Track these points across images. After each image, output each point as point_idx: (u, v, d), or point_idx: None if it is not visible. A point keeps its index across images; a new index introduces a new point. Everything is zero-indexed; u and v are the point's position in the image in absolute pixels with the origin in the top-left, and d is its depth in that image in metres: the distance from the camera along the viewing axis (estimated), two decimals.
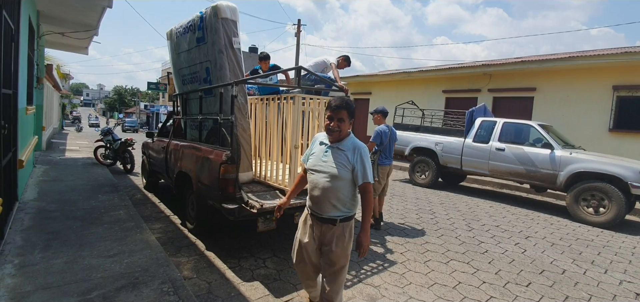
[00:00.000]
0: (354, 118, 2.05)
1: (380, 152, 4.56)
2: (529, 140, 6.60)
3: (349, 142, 2.02)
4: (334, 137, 2.01)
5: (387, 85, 13.38)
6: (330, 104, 1.99)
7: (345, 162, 1.96)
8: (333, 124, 1.96)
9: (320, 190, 1.98)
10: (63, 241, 3.16)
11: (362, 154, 1.99)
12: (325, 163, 1.99)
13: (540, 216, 5.93)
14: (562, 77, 8.95)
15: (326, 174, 1.98)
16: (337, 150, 1.99)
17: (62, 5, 5.59)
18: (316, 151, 2.10)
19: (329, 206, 1.98)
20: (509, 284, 3.19)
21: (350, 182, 1.99)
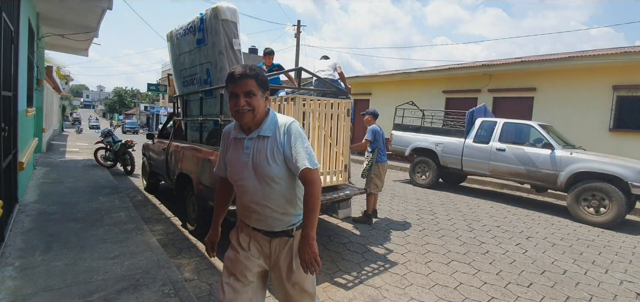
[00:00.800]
0: (268, 90, 1.50)
1: (377, 150, 4.65)
2: (529, 141, 6.60)
3: (270, 123, 1.48)
4: (247, 122, 1.45)
5: (387, 85, 13.39)
6: (230, 76, 1.42)
7: (274, 153, 1.44)
8: (240, 102, 1.40)
9: (256, 204, 1.47)
10: (64, 243, 3.16)
11: (291, 131, 1.46)
12: (249, 165, 1.46)
13: (541, 216, 5.93)
14: (562, 77, 8.95)
15: (256, 180, 1.46)
16: (259, 139, 1.47)
17: (62, 7, 5.59)
18: (232, 153, 1.54)
19: (275, 217, 1.49)
20: (510, 284, 3.19)
21: (290, 176, 1.48)
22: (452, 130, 7.96)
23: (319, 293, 2.78)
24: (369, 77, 13.94)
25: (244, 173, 1.49)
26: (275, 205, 1.48)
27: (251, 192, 1.47)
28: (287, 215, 1.52)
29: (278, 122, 1.50)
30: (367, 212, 4.80)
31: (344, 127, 3.62)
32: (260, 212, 1.49)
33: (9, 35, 3.27)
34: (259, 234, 1.55)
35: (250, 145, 1.47)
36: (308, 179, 1.44)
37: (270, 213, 1.49)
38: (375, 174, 4.69)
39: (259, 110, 1.45)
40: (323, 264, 3.36)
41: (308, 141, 1.51)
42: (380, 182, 4.79)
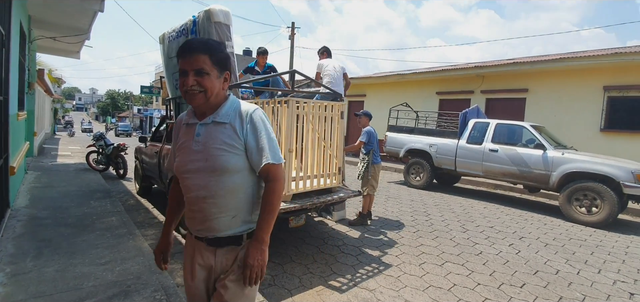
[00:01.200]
0: (229, 70, 1.29)
1: (372, 151, 4.68)
2: (521, 141, 6.66)
3: (228, 108, 1.28)
4: (198, 105, 1.24)
5: (381, 87, 13.44)
6: (179, 49, 1.22)
7: (230, 141, 1.23)
8: (189, 81, 1.18)
9: (203, 200, 1.25)
10: (55, 249, 3.12)
11: (255, 120, 1.27)
12: (199, 154, 1.25)
13: (533, 216, 5.98)
14: (553, 78, 9.05)
15: (206, 170, 1.23)
16: (214, 126, 1.26)
17: (54, 9, 5.54)
18: (182, 141, 1.33)
19: (224, 219, 1.27)
20: (503, 285, 3.21)
21: (248, 171, 1.28)
22: (445, 131, 8.01)
23: (312, 296, 2.79)
24: (364, 78, 13.98)
25: (192, 163, 1.26)
26: (224, 203, 1.25)
27: (198, 186, 1.25)
28: (238, 218, 1.29)
29: (240, 108, 1.29)
30: (362, 213, 4.82)
31: (338, 130, 3.62)
32: (206, 212, 1.26)
33: (0, 39, 3.23)
34: (202, 245, 1.31)
35: (203, 132, 1.26)
36: (271, 175, 1.27)
37: (217, 213, 1.25)
38: (371, 175, 4.71)
39: (214, 92, 1.22)
40: (317, 267, 3.36)
41: (273, 133, 1.32)
42: (376, 183, 4.82)
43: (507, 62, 9.95)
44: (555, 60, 8.80)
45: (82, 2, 4.95)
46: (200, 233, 1.31)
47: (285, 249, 3.78)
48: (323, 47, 5.30)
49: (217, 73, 1.23)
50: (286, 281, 3.06)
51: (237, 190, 1.27)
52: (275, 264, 3.39)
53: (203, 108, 1.27)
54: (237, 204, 1.28)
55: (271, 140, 1.29)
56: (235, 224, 1.29)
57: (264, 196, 1.30)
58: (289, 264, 3.41)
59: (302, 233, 4.29)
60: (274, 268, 3.29)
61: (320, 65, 4.92)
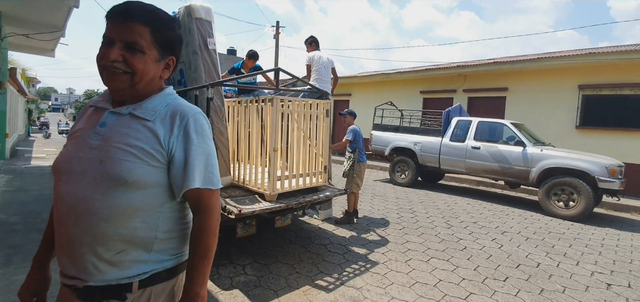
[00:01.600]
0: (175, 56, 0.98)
1: (358, 149, 4.68)
2: (502, 139, 6.82)
3: (158, 103, 0.94)
4: (118, 88, 0.90)
5: (367, 86, 13.51)
6: (108, 11, 0.88)
7: (144, 145, 0.88)
8: (111, 55, 0.85)
9: (78, 220, 0.85)
10: (26, 256, 2.97)
11: (190, 127, 0.93)
12: (94, 151, 0.88)
13: (514, 211, 6.13)
14: (531, 77, 9.32)
15: (95, 176, 0.86)
16: (130, 119, 0.91)
17: (26, 5, 5.28)
18: (79, 129, 0.96)
19: (106, 254, 0.86)
20: (487, 279, 3.26)
21: (162, 191, 0.92)
22: (429, 129, 8.12)
23: (299, 296, 2.75)
24: (349, 78, 14.02)
25: (79, 162, 0.87)
26: (110, 231, 0.85)
27: (75, 197, 0.85)
28: (127, 255, 0.88)
29: (175, 107, 0.95)
30: (348, 211, 4.81)
31: (323, 128, 3.59)
32: (77, 240, 0.85)
33: None
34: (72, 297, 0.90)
35: (110, 123, 0.90)
36: (202, 205, 0.95)
37: (95, 245, 0.85)
38: (357, 174, 4.71)
39: (145, 78, 0.90)
40: (304, 267, 3.32)
41: (214, 150, 1.00)
42: (361, 181, 4.82)
43: (488, 62, 10.19)
44: (533, 60, 9.06)
45: None
46: (68, 280, 0.89)
47: (271, 249, 3.72)
48: (311, 37, 5.03)
49: (156, 55, 0.91)
50: (272, 281, 3.01)
51: (133, 214, 0.87)
52: (260, 264, 3.33)
53: (124, 95, 0.92)
54: (128, 234, 0.87)
55: (209, 157, 0.96)
56: (122, 265, 0.88)
57: (193, 236, 0.96)
58: (274, 264, 3.36)
59: (288, 233, 4.24)
60: (260, 269, 3.24)
61: (311, 58, 4.73)
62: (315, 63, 4.66)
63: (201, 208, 0.95)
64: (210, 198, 0.96)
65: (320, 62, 4.66)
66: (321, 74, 4.64)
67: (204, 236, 0.95)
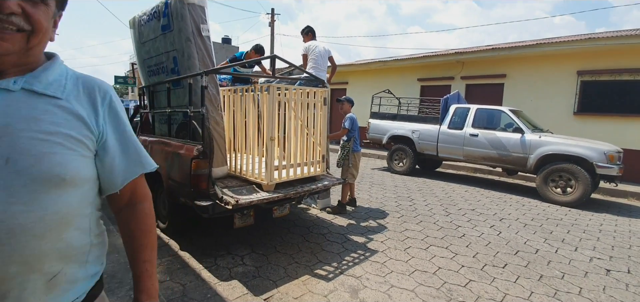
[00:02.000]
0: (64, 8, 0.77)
1: (353, 138, 4.63)
2: (500, 126, 6.79)
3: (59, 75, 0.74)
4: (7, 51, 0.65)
5: (364, 74, 13.39)
6: None
7: (73, 132, 0.71)
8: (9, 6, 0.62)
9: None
10: None
11: (115, 105, 0.81)
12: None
13: (512, 198, 6.14)
14: (530, 63, 9.26)
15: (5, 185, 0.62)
16: (28, 96, 0.68)
17: None
18: None
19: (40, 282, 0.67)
20: (486, 266, 3.25)
21: (94, 186, 0.77)
22: (427, 117, 8.07)
23: (298, 286, 2.73)
24: (346, 66, 13.88)
25: None
26: (46, 249, 0.66)
27: None
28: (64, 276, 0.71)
29: (83, 79, 0.77)
30: (341, 202, 4.77)
31: (321, 117, 3.53)
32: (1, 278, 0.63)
33: None
34: None
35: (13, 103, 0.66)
36: (141, 192, 0.86)
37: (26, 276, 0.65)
38: (352, 163, 4.66)
39: (45, 39, 0.71)
40: (302, 256, 3.30)
41: None
42: (356, 171, 4.78)
43: (486, 49, 10.09)
44: (531, 46, 8.99)
45: None
46: None
47: (269, 239, 3.69)
48: (307, 27, 5.04)
49: (54, 8, 0.71)
50: (271, 271, 2.98)
51: (70, 221, 0.70)
52: (259, 255, 3.30)
53: (8, 62, 0.67)
54: (64, 247, 0.70)
55: (136, 136, 0.86)
56: (55, 290, 0.70)
57: (139, 226, 0.85)
58: (273, 254, 3.33)
59: (287, 223, 4.21)
60: (258, 259, 3.21)
61: (307, 48, 4.74)
62: (312, 52, 4.66)
63: (141, 195, 0.86)
64: (145, 182, 0.88)
65: (316, 51, 4.66)
66: (318, 63, 4.61)
67: (151, 223, 0.87)
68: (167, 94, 3.47)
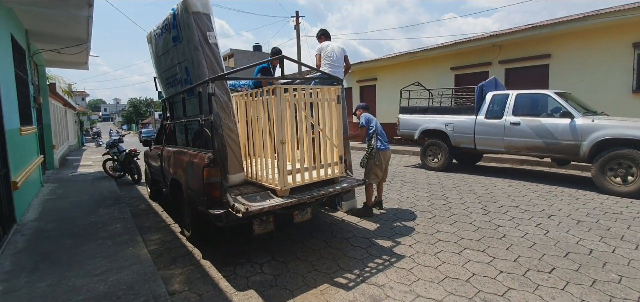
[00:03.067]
0: None
1: (375, 136, 4.39)
2: (546, 111, 6.14)
3: None
4: None
5: (392, 69, 12.94)
6: None
7: None
8: None
9: None
10: (52, 262, 3.06)
11: None
12: None
13: (564, 191, 5.51)
14: (578, 40, 8.33)
15: None
16: None
17: (46, 21, 5.53)
18: None
19: None
20: (529, 271, 2.88)
21: None
22: (462, 108, 7.55)
23: (315, 296, 2.58)
24: (373, 61, 13.50)
25: None
26: None
27: None
28: None
29: None
30: (366, 204, 4.54)
31: (336, 116, 3.35)
32: None
33: None
34: None
35: None
36: None
37: None
38: (376, 163, 4.42)
39: None
40: (323, 263, 3.15)
41: None
42: (381, 171, 4.51)
43: (526, 28, 9.24)
44: (578, 19, 8.08)
45: (69, 11, 4.90)
46: None
47: (290, 245, 3.59)
48: (321, 30, 5.15)
49: None
50: (289, 280, 2.86)
51: None
52: (278, 262, 3.20)
53: None
54: None
55: None
56: None
57: None
58: (293, 261, 3.22)
59: (310, 227, 4.09)
60: (278, 267, 3.11)
61: (320, 48, 4.77)
62: (324, 51, 4.70)
63: None
64: None
65: (328, 49, 4.69)
66: (332, 60, 4.59)
67: None
68: (183, 104, 3.50)
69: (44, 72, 8.72)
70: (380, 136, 4.44)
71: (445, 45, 11.34)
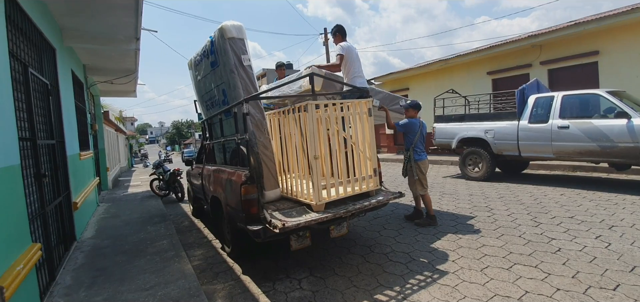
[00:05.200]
0: None
1: (412, 147, 4.30)
2: (598, 112, 5.67)
3: None
4: None
5: (425, 77, 12.66)
6: None
7: None
8: None
9: None
10: (108, 277, 3.28)
11: None
12: None
13: (626, 199, 5.00)
14: (629, 33, 7.65)
15: None
16: None
17: (100, 55, 6.13)
18: None
19: None
20: (590, 289, 2.62)
21: None
22: (502, 113, 7.18)
23: None
24: (404, 71, 13.31)
25: None
26: None
27: None
28: None
29: None
30: (429, 213, 4.50)
31: (368, 129, 3.32)
32: None
33: (45, 89, 3.53)
34: None
35: None
36: None
37: None
38: (417, 174, 4.31)
39: None
40: (362, 279, 3.08)
41: None
42: (425, 181, 4.41)
43: (568, 25, 8.66)
44: (627, 12, 7.43)
45: (120, 46, 5.39)
46: None
47: (328, 261, 3.56)
48: (336, 26, 4.41)
49: None
50: (327, 296, 2.83)
51: None
52: (316, 278, 3.19)
53: None
54: None
55: None
56: None
57: None
58: (331, 277, 3.18)
59: (347, 242, 4.04)
60: (316, 283, 3.09)
61: (343, 48, 4.15)
62: (349, 53, 4.12)
63: None
64: None
65: (353, 53, 4.16)
66: (356, 67, 4.14)
67: None
68: (220, 125, 3.67)
69: (99, 102, 9.59)
70: (418, 145, 4.36)
71: (480, 49, 10.92)
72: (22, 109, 2.78)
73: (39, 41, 3.56)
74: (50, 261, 3.16)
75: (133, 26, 4.84)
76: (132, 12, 4.36)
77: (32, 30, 3.32)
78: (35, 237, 2.82)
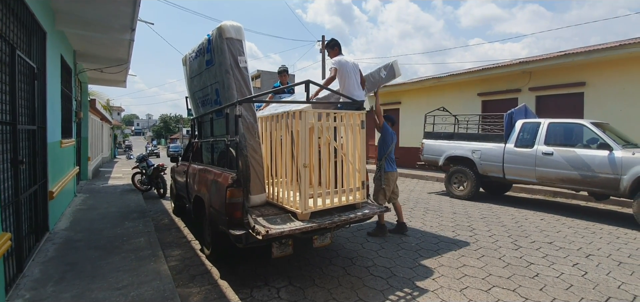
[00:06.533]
0: None
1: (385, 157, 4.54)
2: (581, 142, 5.83)
3: None
4: None
5: (417, 93, 12.83)
6: None
7: None
8: None
9: None
10: (78, 273, 3.15)
11: None
12: None
13: (603, 229, 5.12)
14: (615, 68, 7.94)
15: None
16: None
17: (93, 43, 5.96)
18: None
19: None
20: None
21: None
22: (490, 135, 7.31)
23: None
24: (398, 85, 13.45)
25: None
26: None
27: None
28: None
29: None
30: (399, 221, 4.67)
31: (359, 141, 3.32)
32: None
33: (31, 72, 3.41)
34: None
35: None
36: None
37: None
38: (385, 183, 4.44)
39: None
40: (341, 292, 3.05)
41: None
42: (388, 192, 4.60)
43: (558, 55, 8.94)
44: (615, 47, 7.72)
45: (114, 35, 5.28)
46: None
47: (309, 270, 3.52)
48: (332, 40, 4.34)
49: None
50: None
51: None
52: (296, 288, 3.14)
53: None
54: None
55: None
56: None
57: None
58: (311, 288, 3.14)
59: (329, 252, 4.00)
60: (294, 293, 3.04)
61: (338, 62, 4.08)
62: (343, 67, 4.05)
63: None
64: None
65: (348, 67, 4.10)
66: (352, 80, 4.08)
67: None
68: (211, 124, 3.61)
69: (87, 89, 9.35)
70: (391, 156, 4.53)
71: (473, 70, 11.15)
72: (4, 91, 2.67)
73: (29, 23, 3.44)
74: (20, 252, 3.02)
75: (129, 16, 4.74)
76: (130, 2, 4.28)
77: (23, 11, 3.21)
78: (6, 225, 2.69)
